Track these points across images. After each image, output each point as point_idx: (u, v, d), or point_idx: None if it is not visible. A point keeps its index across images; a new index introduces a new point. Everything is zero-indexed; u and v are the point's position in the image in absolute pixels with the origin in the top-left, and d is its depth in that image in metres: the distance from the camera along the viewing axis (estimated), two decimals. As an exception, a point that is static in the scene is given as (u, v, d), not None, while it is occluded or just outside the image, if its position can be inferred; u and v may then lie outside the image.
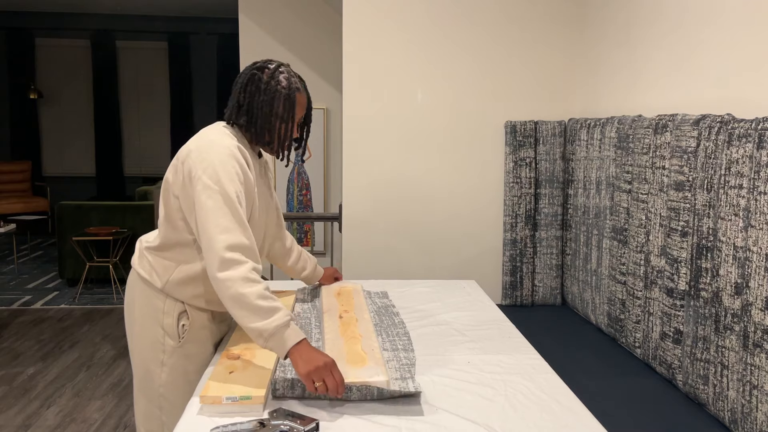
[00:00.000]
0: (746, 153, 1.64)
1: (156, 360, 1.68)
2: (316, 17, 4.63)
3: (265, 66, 1.69)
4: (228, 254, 1.47)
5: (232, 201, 1.52)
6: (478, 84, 3.04)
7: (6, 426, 3.06)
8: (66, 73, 8.17)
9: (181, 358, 1.69)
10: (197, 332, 1.72)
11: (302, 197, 4.82)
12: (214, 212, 1.50)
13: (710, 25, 2.02)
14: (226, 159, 1.55)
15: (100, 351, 4.06)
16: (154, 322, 1.68)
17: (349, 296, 2.17)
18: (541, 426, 1.39)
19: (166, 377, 1.69)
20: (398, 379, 1.60)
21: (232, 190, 1.53)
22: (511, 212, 3.01)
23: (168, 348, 1.68)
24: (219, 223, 1.49)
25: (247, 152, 1.66)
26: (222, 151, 1.56)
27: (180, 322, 1.68)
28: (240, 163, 1.59)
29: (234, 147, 1.59)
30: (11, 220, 6.63)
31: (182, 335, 1.68)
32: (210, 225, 1.50)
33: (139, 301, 1.70)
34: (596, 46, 2.88)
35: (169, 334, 1.68)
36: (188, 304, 1.70)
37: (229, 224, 1.50)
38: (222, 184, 1.52)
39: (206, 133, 1.63)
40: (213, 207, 1.50)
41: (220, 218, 1.50)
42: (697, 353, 1.86)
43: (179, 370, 1.70)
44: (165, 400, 1.70)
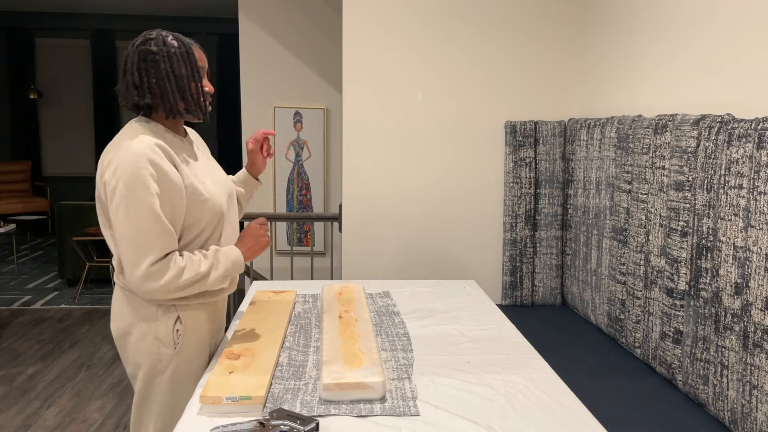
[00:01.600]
0: (746, 153, 1.64)
1: (155, 370, 1.64)
2: (315, 17, 4.63)
3: (147, 39, 1.60)
4: (155, 267, 1.51)
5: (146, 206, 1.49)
6: (478, 84, 3.04)
7: (6, 426, 3.06)
8: (66, 73, 8.17)
9: (180, 364, 1.66)
10: (192, 335, 1.68)
11: (302, 197, 4.82)
12: (130, 227, 1.49)
13: (710, 25, 2.02)
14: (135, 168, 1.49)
15: (100, 351, 4.06)
16: (148, 334, 1.63)
17: (350, 296, 2.17)
18: (541, 426, 1.39)
19: (166, 386, 1.65)
20: (395, 379, 1.61)
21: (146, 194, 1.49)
22: (511, 212, 3.01)
23: (165, 357, 1.64)
24: (142, 241, 1.49)
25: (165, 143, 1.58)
26: (132, 156, 1.49)
27: (174, 329, 1.65)
28: (153, 161, 1.51)
29: (148, 148, 1.52)
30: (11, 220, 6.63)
31: (177, 341, 1.64)
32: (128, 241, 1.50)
33: (130, 317, 1.65)
34: (596, 46, 2.88)
35: (164, 343, 1.63)
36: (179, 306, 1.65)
37: (146, 239, 1.49)
38: (137, 194, 1.48)
39: (120, 142, 1.56)
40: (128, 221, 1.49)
41: (137, 234, 1.49)
42: (697, 353, 1.86)
43: (178, 378, 1.66)
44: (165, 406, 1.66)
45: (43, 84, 8.14)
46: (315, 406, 1.45)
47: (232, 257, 1.65)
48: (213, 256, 1.61)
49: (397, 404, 1.46)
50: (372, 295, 2.38)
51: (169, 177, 1.54)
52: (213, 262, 1.60)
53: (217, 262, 1.61)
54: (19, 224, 6.98)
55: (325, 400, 1.47)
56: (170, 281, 1.52)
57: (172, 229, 1.54)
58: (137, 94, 1.60)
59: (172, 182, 1.54)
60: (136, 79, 1.59)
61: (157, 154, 1.53)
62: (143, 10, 7.74)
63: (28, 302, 5.14)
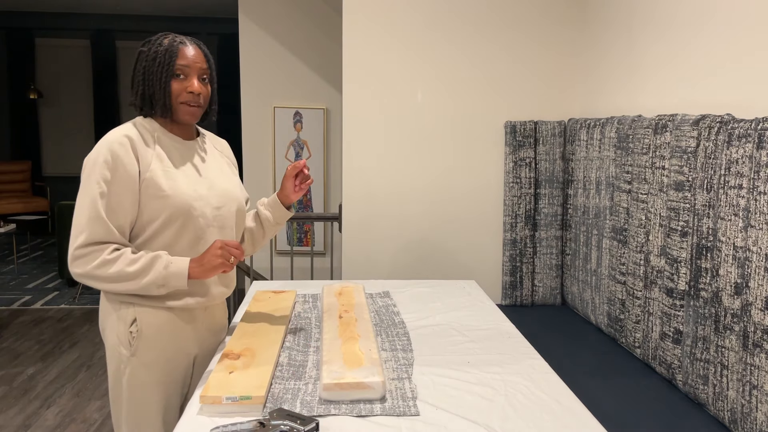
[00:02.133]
0: (746, 153, 1.64)
1: (119, 371, 1.63)
2: (316, 17, 4.63)
3: (148, 40, 1.66)
4: (82, 251, 1.53)
5: (91, 197, 1.53)
6: (478, 84, 3.04)
7: (6, 426, 3.06)
8: (66, 73, 8.17)
9: (137, 369, 1.62)
10: (152, 339, 1.63)
11: (302, 197, 4.82)
12: (77, 210, 1.56)
13: (710, 25, 2.02)
14: (98, 154, 1.56)
15: (100, 351, 4.06)
16: (112, 332, 1.64)
17: (350, 296, 2.17)
18: (541, 426, 1.39)
19: (126, 389, 1.63)
20: (395, 379, 1.61)
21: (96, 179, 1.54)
22: (511, 212, 3.01)
23: (124, 358, 1.62)
24: (77, 222, 1.55)
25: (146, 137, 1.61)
26: (99, 147, 1.57)
27: (129, 329, 1.62)
28: (114, 152, 1.55)
29: (115, 138, 1.57)
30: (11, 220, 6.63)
31: (132, 343, 1.61)
32: (74, 223, 1.56)
33: (103, 313, 1.67)
34: (596, 46, 2.88)
35: (122, 343, 1.62)
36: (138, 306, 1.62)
37: (83, 221, 1.54)
38: (90, 179, 1.54)
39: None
40: (78, 204, 1.56)
41: (78, 218, 1.55)
42: (697, 353, 1.86)
43: (136, 381, 1.63)
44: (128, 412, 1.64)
45: (43, 84, 8.14)
46: (315, 406, 1.45)
47: (173, 268, 1.57)
48: (150, 260, 1.56)
49: (397, 404, 1.47)
50: (372, 295, 2.38)
51: (125, 168, 1.56)
52: (145, 267, 1.55)
53: (150, 267, 1.55)
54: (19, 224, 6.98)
55: (325, 400, 1.47)
56: (92, 270, 1.53)
57: (107, 220, 1.54)
58: (135, 94, 1.67)
59: (127, 173, 1.56)
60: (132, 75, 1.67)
61: (120, 144, 1.57)
62: (143, 10, 7.74)
63: (28, 302, 5.14)
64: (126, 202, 1.57)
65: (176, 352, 1.68)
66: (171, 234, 1.63)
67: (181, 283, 1.58)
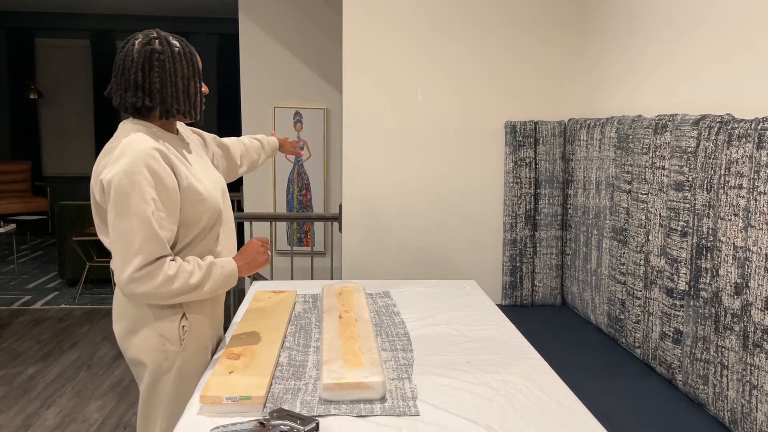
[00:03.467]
0: (746, 153, 1.64)
1: (161, 368, 1.64)
2: (316, 17, 4.63)
3: (150, 39, 1.59)
4: (140, 273, 1.49)
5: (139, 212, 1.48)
6: (478, 84, 3.04)
7: (6, 426, 3.06)
8: (66, 73, 8.17)
9: (184, 363, 1.66)
10: (197, 334, 1.69)
11: (302, 197, 4.82)
12: (124, 232, 1.49)
13: (710, 25, 2.02)
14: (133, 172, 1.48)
15: (100, 351, 4.06)
16: (152, 332, 1.63)
17: (350, 296, 2.17)
18: (541, 426, 1.39)
19: (172, 385, 1.65)
20: (395, 379, 1.61)
21: (142, 204, 1.48)
22: (511, 212, 3.01)
23: (170, 354, 1.64)
24: (130, 243, 1.48)
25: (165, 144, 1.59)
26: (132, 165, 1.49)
27: (180, 325, 1.65)
28: (151, 168, 1.50)
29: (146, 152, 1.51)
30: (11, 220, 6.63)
31: (183, 338, 1.65)
32: (120, 245, 1.49)
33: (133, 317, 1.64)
34: (596, 46, 2.88)
35: (170, 340, 1.63)
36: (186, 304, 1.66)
37: (138, 241, 1.48)
38: (131, 198, 1.48)
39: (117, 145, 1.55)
40: (121, 225, 1.49)
41: (130, 237, 1.48)
42: (697, 353, 1.86)
43: (184, 376, 1.66)
44: (170, 407, 1.66)
45: (43, 84, 8.14)
46: (315, 406, 1.45)
47: (227, 271, 1.62)
48: (207, 269, 1.58)
49: (397, 404, 1.47)
50: (372, 295, 2.38)
51: (165, 183, 1.53)
52: (205, 275, 1.58)
53: (209, 275, 1.58)
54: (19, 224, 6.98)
55: (325, 400, 1.47)
56: (157, 288, 1.51)
57: (162, 236, 1.52)
58: (137, 94, 1.57)
59: (167, 188, 1.53)
60: (138, 79, 1.56)
61: (154, 158, 1.51)
62: (143, 10, 7.74)
63: (28, 302, 5.14)
64: (173, 216, 1.57)
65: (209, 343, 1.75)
66: (207, 232, 1.68)
67: (233, 283, 1.66)
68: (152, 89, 1.58)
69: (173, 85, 1.60)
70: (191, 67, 1.63)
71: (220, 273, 1.60)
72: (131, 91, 1.57)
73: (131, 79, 1.57)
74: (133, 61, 1.56)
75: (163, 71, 1.58)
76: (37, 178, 8.18)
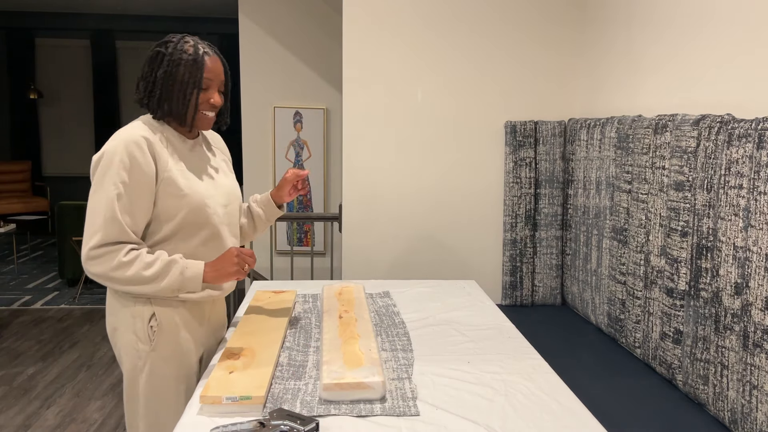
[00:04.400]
0: (746, 153, 1.64)
1: (136, 368, 1.64)
2: (316, 17, 4.63)
3: (167, 41, 1.64)
4: (98, 251, 1.53)
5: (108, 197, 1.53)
6: (478, 84, 3.04)
7: (6, 426, 3.06)
8: (66, 73, 8.17)
9: (157, 363, 1.64)
10: (170, 332, 1.66)
11: (302, 197, 4.82)
12: (91, 207, 1.55)
13: (710, 25, 2.02)
14: (113, 154, 1.54)
15: (100, 351, 4.06)
16: (128, 329, 1.64)
17: (350, 296, 2.17)
18: (541, 426, 1.39)
19: (144, 385, 1.65)
20: (395, 379, 1.61)
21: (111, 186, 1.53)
22: (511, 212, 3.01)
23: (143, 354, 1.64)
24: (93, 222, 1.54)
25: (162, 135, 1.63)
26: (114, 146, 1.55)
27: (149, 324, 1.64)
28: (131, 153, 1.54)
29: (131, 138, 1.56)
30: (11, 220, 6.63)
31: (152, 338, 1.63)
32: (88, 222, 1.55)
33: (116, 314, 1.66)
34: (596, 46, 2.88)
35: (141, 339, 1.63)
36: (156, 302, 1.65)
37: (99, 221, 1.53)
38: (105, 178, 1.54)
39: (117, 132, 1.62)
40: (91, 202, 1.55)
41: (94, 217, 1.54)
42: (697, 353, 1.86)
43: (155, 376, 1.65)
44: (146, 409, 1.66)
45: (43, 84, 8.14)
46: (315, 406, 1.45)
47: (189, 273, 1.60)
48: (166, 264, 1.58)
49: (397, 404, 1.47)
50: (372, 295, 2.38)
51: (142, 169, 1.56)
52: (163, 270, 1.57)
53: (167, 271, 1.57)
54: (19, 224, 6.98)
55: (325, 400, 1.47)
56: (110, 271, 1.53)
57: (122, 221, 1.54)
58: (145, 93, 1.64)
59: (144, 174, 1.57)
60: (146, 73, 1.64)
61: (137, 144, 1.56)
62: (143, 10, 7.74)
63: (28, 302, 5.14)
64: (143, 204, 1.58)
65: (190, 346, 1.71)
66: (187, 233, 1.66)
67: (195, 287, 1.62)
68: (146, 86, 1.64)
69: (166, 87, 1.62)
70: (191, 74, 1.62)
71: (179, 272, 1.58)
72: (142, 89, 1.65)
73: (140, 74, 1.66)
74: (146, 59, 1.66)
75: (160, 71, 1.62)
76: (37, 178, 8.18)
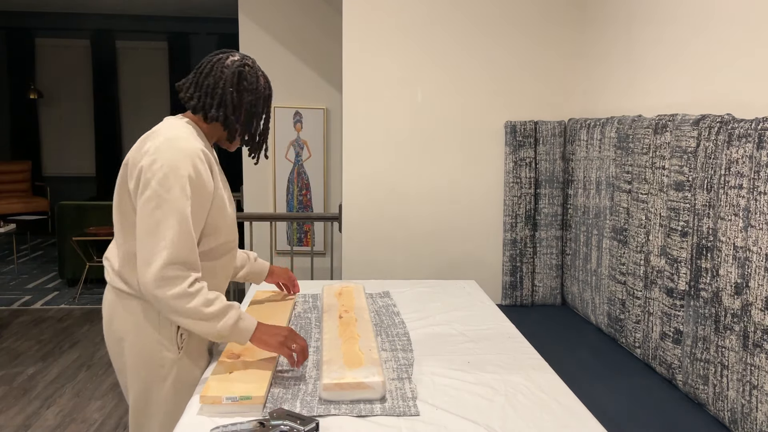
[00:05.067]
0: (746, 153, 1.64)
1: (156, 377, 1.59)
2: (315, 17, 4.63)
3: (245, 63, 1.62)
4: (166, 272, 1.43)
5: (178, 208, 1.45)
6: (478, 84, 3.04)
7: (6, 426, 3.06)
8: (66, 73, 8.17)
9: (182, 371, 1.62)
10: (196, 338, 1.65)
11: (302, 197, 4.82)
12: (156, 222, 1.44)
13: (710, 25, 2.02)
14: (179, 167, 1.46)
15: (100, 351, 4.06)
16: (148, 337, 1.58)
17: (350, 296, 2.17)
18: (541, 426, 1.39)
19: (168, 392, 1.60)
20: (395, 379, 1.61)
21: (181, 196, 1.46)
22: (511, 212, 3.01)
23: (167, 361, 1.59)
24: (161, 234, 1.43)
25: (207, 150, 1.59)
26: (178, 154, 1.47)
27: (179, 332, 1.60)
28: (197, 166, 1.49)
29: (194, 151, 1.50)
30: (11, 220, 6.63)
31: (182, 345, 1.60)
32: (150, 237, 1.44)
33: (128, 319, 1.59)
34: (596, 46, 2.88)
35: (167, 347, 1.58)
36: None
37: (171, 235, 1.44)
38: (172, 192, 1.44)
39: (166, 131, 1.53)
40: (156, 216, 1.44)
41: (164, 230, 1.44)
42: (697, 353, 1.86)
43: (184, 381, 1.62)
44: (167, 417, 1.62)
45: (43, 84, 8.14)
46: (315, 406, 1.45)
47: (242, 324, 1.52)
48: (223, 308, 1.49)
49: (397, 404, 1.47)
50: (372, 295, 2.38)
51: (204, 183, 1.52)
52: (219, 313, 1.49)
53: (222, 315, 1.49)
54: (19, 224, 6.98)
55: (325, 400, 1.47)
56: (172, 299, 1.44)
57: (193, 238, 1.48)
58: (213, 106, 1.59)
59: (205, 189, 1.53)
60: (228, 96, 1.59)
61: (200, 158, 1.51)
62: (143, 10, 7.74)
63: (28, 302, 5.14)
64: (201, 221, 1.55)
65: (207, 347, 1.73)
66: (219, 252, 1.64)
67: (241, 340, 1.54)
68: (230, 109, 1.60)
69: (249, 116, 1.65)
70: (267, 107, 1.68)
71: (234, 320, 1.50)
72: (208, 100, 1.60)
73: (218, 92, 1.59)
74: (224, 77, 1.59)
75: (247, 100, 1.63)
76: (37, 178, 8.18)
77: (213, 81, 1.59)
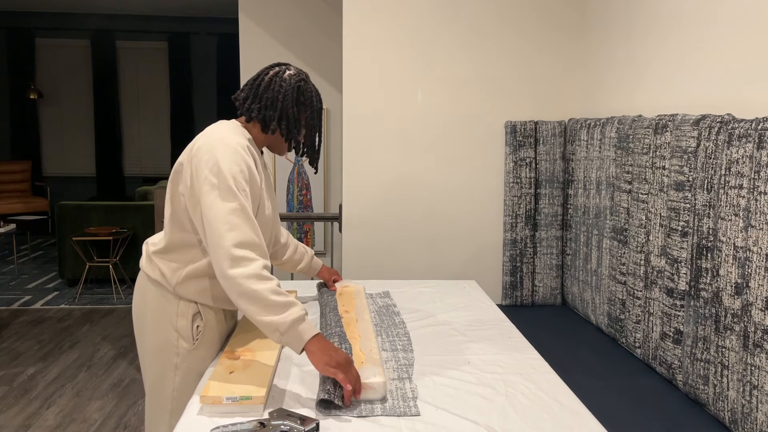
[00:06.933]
0: (746, 153, 1.64)
1: (170, 364, 1.66)
2: (316, 17, 4.63)
3: (302, 79, 1.69)
4: (238, 252, 1.46)
5: (239, 198, 1.51)
6: (478, 84, 3.04)
7: (6, 426, 3.06)
8: (66, 73, 8.17)
9: (194, 361, 1.67)
10: (209, 333, 1.70)
11: (302, 197, 4.82)
12: (222, 210, 1.49)
13: (710, 25, 2.02)
14: (232, 156, 1.53)
15: (100, 351, 4.06)
16: (167, 325, 1.65)
17: (351, 297, 2.17)
18: (541, 426, 1.39)
19: (179, 381, 1.67)
20: (395, 379, 1.61)
21: (239, 188, 1.52)
22: (511, 212, 3.01)
23: (182, 351, 1.65)
24: (227, 219, 1.48)
25: (254, 150, 1.66)
26: (229, 149, 1.54)
27: (194, 324, 1.66)
28: (247, 161, 1.57)
29: (243, 145, 1.59)
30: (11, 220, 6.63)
31: (196, 337, 1.66)
32: (218, 222, 1.48)
33: (151, 304, 1.66)
34: (596, 46, 2.88)
35: (183, 337, 1.65)
36: (200, 304, 1.68)
37: (238, 221, 1.48)
38: (228, 182, 1.50)
39: (215, 130, 1.61)
40: (220, 205, 1.49)
41: (228, 215, 1.48)
42: (697, 353, 1.86)
43: (192, 373, 1.67)
44: (177, 403, 1.67)
45: (43, 84, 8.14)
46: (315, 406, 1.45)
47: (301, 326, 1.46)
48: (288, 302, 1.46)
49: (397, 404, 1.47)
50: (372, 295, 2.38)
51: (255, 182, 1.61)
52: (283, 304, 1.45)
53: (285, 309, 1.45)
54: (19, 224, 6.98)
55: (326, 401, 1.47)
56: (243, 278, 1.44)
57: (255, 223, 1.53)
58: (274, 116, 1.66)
59: (255, 183, 1.61)
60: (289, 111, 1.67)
61: (249, 155, 1.61)
62: (143, 10, 7.75)
63: (28, 302, 5.14)
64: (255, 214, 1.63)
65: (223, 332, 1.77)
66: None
67: (295, 344, 1.47)
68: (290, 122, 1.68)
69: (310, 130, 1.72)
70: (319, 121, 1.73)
71: (294, 318, 1.45)
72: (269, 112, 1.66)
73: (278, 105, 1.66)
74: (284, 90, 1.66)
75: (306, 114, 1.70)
76: (37, 178, 8.18)
77: (272, 95, 1.67)
